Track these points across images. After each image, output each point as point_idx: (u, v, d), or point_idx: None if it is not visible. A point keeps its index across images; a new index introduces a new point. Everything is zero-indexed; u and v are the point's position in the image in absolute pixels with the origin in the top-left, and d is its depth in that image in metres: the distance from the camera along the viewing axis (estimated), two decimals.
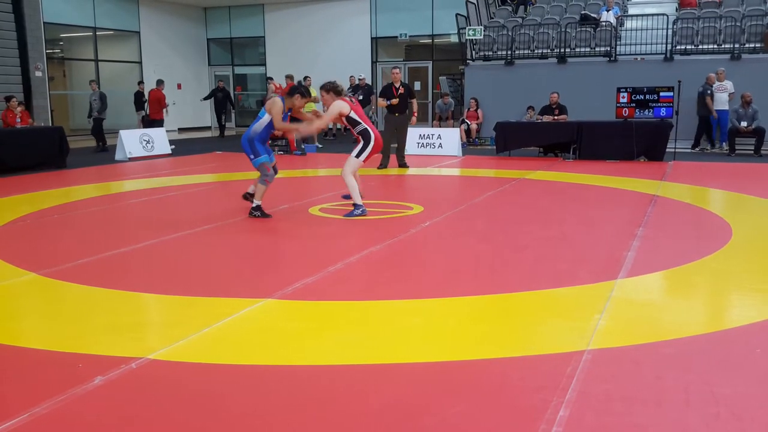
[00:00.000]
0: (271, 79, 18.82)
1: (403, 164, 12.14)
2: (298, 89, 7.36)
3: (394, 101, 11.82)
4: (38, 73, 17.26)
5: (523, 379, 3.22)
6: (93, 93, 16.29)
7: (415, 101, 12.07)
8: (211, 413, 2.90)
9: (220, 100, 20.75)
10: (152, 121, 17.28)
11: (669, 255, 5.55)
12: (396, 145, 12.21)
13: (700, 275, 5.06)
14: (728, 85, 14.23)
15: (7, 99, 13.35)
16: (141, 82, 19.67)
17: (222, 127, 20.66)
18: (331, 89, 7.45)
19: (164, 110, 17.62)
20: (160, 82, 17.96)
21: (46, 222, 7.28)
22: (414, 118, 12.13)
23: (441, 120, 17.84)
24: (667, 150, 12.63)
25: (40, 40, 17.73)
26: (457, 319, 4.12)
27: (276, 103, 7.16)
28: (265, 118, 7.23)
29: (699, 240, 6.16)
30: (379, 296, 4.55)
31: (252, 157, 7.30)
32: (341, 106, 7.40)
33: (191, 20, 24.03)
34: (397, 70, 12.25)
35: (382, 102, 12.02)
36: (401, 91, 11.98)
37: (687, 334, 3.78)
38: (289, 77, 16.64)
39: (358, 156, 7.53)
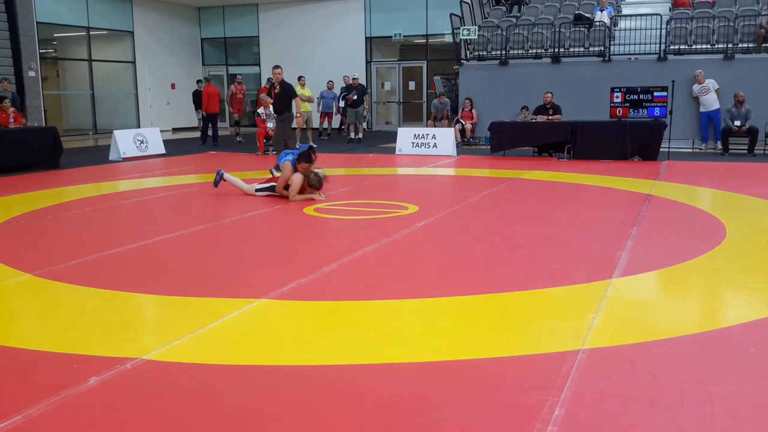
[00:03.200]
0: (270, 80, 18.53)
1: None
2: (306, 157, 8.18)
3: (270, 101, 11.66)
4: (31, 73, 17.19)
5: (518, 379, 3.23)
6: (4, 93, 14.20)
7: (297, 100, 11.56)
8: (206, 414, 2.89)
9: None
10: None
11: (663, 254, 5.57)
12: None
13: (694, 274, 5.08)
14: (710, 84, 14.25)
15: (1, 99, 13.28)
16: (200, 81, 19.62)
17: None
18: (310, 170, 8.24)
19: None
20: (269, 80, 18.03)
21: (39, 222, 7.25)
22: (298, 119, 11.67)
23: (436, 120, 17.85)
24: (661, 149, 12.67)
25: (33, 39, 17.66)
26: (452, 319, 4.12)
27: (286, 168, 8.20)
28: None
29: (693, 239, 6.18)
30: (373, 296, 4.55)
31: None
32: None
33: (185, 20, 23.98)
34: (279, 70, 11.47)
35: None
36: (277, 90, 11.47)
37: (681, 334, 3.79)
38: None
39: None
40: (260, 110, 14.79)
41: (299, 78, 17.09)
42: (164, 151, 14.85)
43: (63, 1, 19.75)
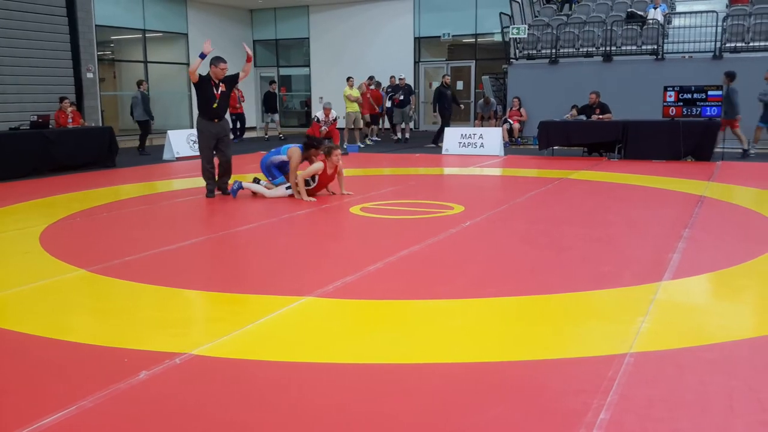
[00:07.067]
0: (372, 78, 18.80)
1: (225, 189, 9.03)
2: (314, 145, 8.59)
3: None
4: (89, 75, 17.68)
5: (564, 382, 3.19)
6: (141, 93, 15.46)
7: (246, 69, 9.09)
8: (253, 408, 2.95)
9: None
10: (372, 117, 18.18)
11: (715, 257, 5.43)
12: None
13: (747, 278, 4.95)
14: None
15: (61, 100, 13.74)
16: (273, 82, 20.00)
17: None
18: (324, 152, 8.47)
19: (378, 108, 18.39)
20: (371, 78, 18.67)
21: (95, 220, 7.47)
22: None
23: (483, 120, 17.75)
24: (716, 150, 12.35)
25: (92, 42, 18.17)
26: (497, 320, 4.10)
27: (296, 153, 8.54)
28: (284, 158, 8.72)
29: (747, 242, 6.01)
30: (418, 296, 4.56)
31: (270, 179, 8.96)
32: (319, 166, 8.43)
33: (238, 22, 24.36)
34: (224, 65, 8.78)
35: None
36: (222, 88, 8.69)
37: (732, 339, 3.70)
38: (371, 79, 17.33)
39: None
40: (318, 114, 14.93)
41: (348, 79, 17.19)
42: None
43: (120, 4, 20.28)
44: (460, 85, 22.25)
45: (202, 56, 8.60)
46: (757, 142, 13.30)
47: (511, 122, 16.56)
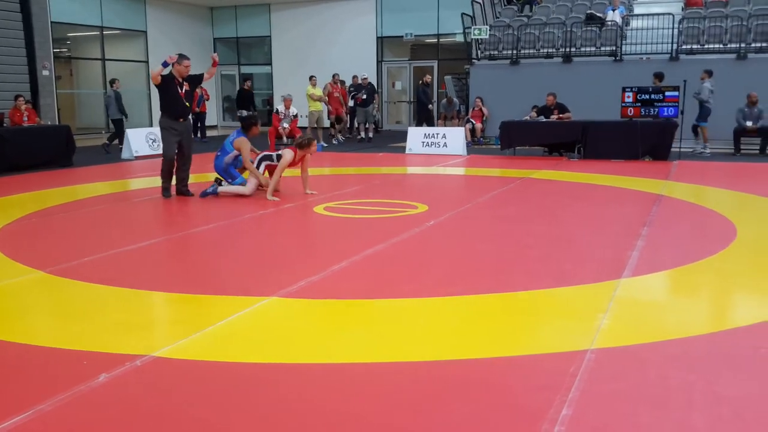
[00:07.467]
0: (336, 75, 18.63)
1: (185, 191, 8.82)
2: (252, 123, 8.89)
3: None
4: (45, 72, 17.31)
5: (526, 379, 3.22)
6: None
7: (209, 73, 8.77)
8: (215, 410, 2.91)
9: None
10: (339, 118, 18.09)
11: (673, 255, 5.54)
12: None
13: (704, 275, 5.06)
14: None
15: (15, 97, 13.42)
16: (248, 80, 19.73)
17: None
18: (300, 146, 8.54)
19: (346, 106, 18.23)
20: (334, 75, 18.30)
21: (52, 220, 7.31)
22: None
23: (446, 119, 17.85)
24: (672, 149, 12.61)
25: (48, 39, 17.79)
26: (460, 318, 4.12)
27: (244, 143, 8.65)
28: (234, 153, 8.77)
29: (704, 240, 6.15)
30: (382, 295, 4.56)
31: (230, 181, 8.87)
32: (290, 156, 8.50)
33: (198, 20, 24.06)
34: (188, 62, 8.51)
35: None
36: (186, 87, 8.53)
37: (691, 334, 3.78)
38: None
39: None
40: (280, 107, 14.84)
41: (311, 77, 17.12)
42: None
43: (77, 0, 19.87)
44: None
45: (165, 65, 8.43)
46: (707, 141, 13.62)
47: (474, 122, 16.68)
